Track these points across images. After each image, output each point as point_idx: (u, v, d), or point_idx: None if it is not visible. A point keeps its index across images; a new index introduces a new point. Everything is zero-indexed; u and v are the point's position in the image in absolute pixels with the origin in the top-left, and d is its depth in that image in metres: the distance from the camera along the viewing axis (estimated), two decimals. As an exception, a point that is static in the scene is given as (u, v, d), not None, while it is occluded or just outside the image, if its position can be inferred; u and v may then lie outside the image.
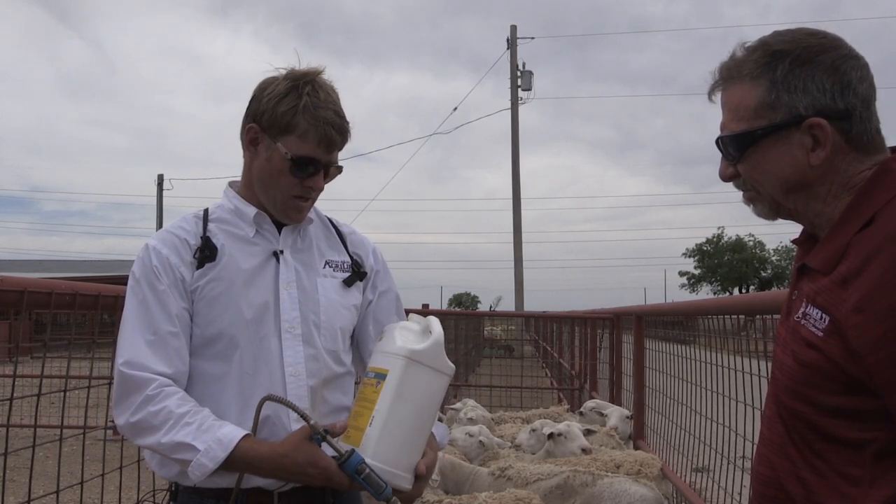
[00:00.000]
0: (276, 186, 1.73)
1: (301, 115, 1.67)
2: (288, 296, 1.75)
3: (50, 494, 2.61)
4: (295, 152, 1.68)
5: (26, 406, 6.98)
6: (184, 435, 1.56)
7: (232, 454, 1.55)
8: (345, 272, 1.87)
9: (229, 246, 1.75)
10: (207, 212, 1.81)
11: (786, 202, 1.33)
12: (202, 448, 1.54)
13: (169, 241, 1.73)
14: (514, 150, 25.82)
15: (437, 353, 1.65)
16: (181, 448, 1.56)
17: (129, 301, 1.69)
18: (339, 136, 1.71)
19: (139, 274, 1.70)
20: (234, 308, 1.69)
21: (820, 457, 1.23)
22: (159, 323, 1.65)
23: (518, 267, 25.58)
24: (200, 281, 1.70)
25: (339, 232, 1.94)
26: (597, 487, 3.50)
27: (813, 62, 1.25)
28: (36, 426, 2.54)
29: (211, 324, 1.69)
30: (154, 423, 1.57)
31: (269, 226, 1.79)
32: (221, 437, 1.56)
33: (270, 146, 1.71)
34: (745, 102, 1.31)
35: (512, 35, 26.48)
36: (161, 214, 37.78)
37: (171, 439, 1.56)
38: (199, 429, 1.57)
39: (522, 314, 18.98)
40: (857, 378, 1.15)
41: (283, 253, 1.78)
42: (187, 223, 1.78)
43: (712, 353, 3.81)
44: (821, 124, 1.24)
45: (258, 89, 1.75)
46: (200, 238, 1.74)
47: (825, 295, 1.20)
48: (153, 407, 1.58)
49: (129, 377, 1.60)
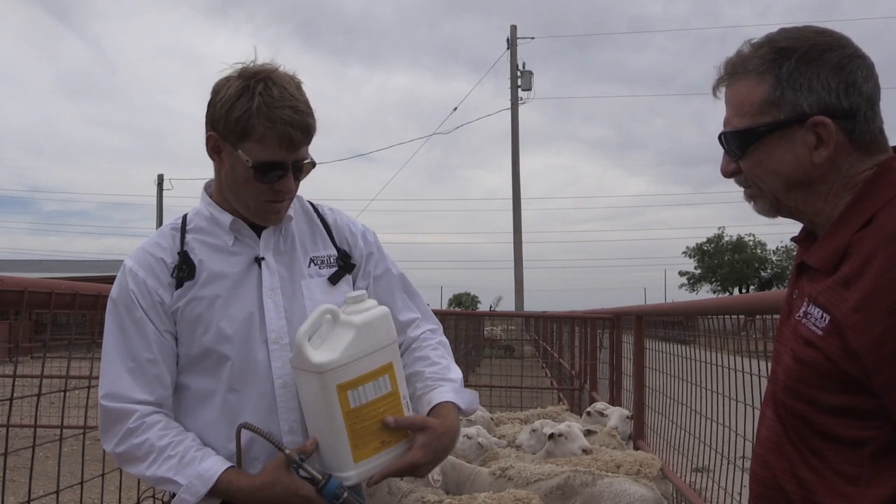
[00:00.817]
0: (246, 194, 1.65)
1: (255, 118, 1.56)
2: (273, 304, 1.70)
3: (50, 494, 2.61)
4: (256, 158, 1.59)
5: (26, 406, 6.98)
6: (165, 470, 1.58)
7: (214, 488, 1.56)
8: (331, 267, 1.79)
9: (208, 260, 1.70)
10: (185, 220, 1.76)
11: (786, 200, 1.33)
12: (184, 483, 1.56)
13: (145, 263, 1.69)
14: (514, 150, 25.82)
15: (300, 354, 1.57)
16: (164, 482, 1.59)
17: (107, 327, 1.68)
18: (300, 133, 1.60)
19: (117, 298, 1.68)
20: (216, 325, 1.66)
21: (817, 455, 1.23)
22: (137, 350, 1.64)
23: (518, 267, 25.59)
24: (180, 301, 1.67)
25: (324, 221, 1.85)
26: (597, 487, 3.50)
27: (819, 60, 1.25)
28: (36, 426, 2.54)
29: (195, 342, 1.67)
30: (137, 454, 1.60)
31: (247, 231, 1.73)
32: (202, 472, 1.57)
33: (232, 154, 1.62)
34: (749, 99, 1.30)
35: (512, 35, 26.49)
36: (161, 214, 37.81)
37: (154, 473, 1.58)
38: (180, 462, 1.58)
39: (522, 314, 18.98)
40: (856, 377, 1.15)
41: (265, 259, 1.73)
42: (163, 239, 1.73)
43: (712, 353, 3.80)
44: (825, 123, 1.24)
45: (213, 92, 1.65)
46: (178, 254, 1.69)
47: (827, 295, 1.20)
48: (135, 439, 1.60)
49: (111, 410, 1.61)
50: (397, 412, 1.62)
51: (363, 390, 1.58)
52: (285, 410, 1.68)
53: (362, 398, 1.58)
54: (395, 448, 1.62)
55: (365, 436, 1.58)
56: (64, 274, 28.31)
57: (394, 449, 1.62)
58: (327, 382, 1.54)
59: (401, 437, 1.63)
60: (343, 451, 1.57)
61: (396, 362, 1.65)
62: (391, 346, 1.64)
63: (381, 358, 1.61)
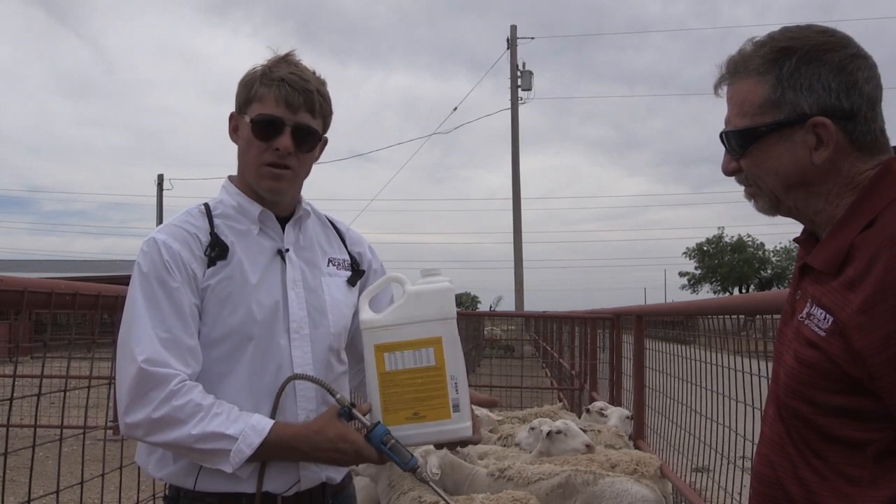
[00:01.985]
0: (250, 158, 1.72)
1: (258, 81, 1.69)
2: (295, 296, 1.74)
3: (50, 494, 2.61)
4: (260, 113, 1.68)
5: (26, 406, 6.98)
6: (217, 425, 1.55)
7: (267, 438, 1.56)
8: (347, 270, 1.87)
9: (238, 244, 1.72)
10: (209, 207, 1.77)
11: (786, 199, 1.32)
12: (237, 435, 1.55)
13: (179, 236, 1.68)
14: (514, 151, 25.80)
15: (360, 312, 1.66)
16: (214, 437, 1.55)
17: (136, 297, 1.62)
18: (298, 94, 1.68)
19: (148, 269, 1.64)
20: (245, 307, 1.67)
21: (820, 456, 1.23)
22: (172, 321, 1.61)
23: (518, 267, 25.57)
24: (212, 279, 1.67)
25: (337, 229, 1.94)
26: (598, 487, 3.50)
27: (820, 60, 1.25)
28: (36, 426, 2.54)
29: (222, 323, 1.66)
30: (181, 416, 1.55)
31: (272, 223, 1.77)
32: (255, 424, 1.57)
33: (242, 124, 1.72)
34: (750, 98, 1.30)
35: (512, 35, 26.47)
36: (161, 214, 37.79)
37: (204, 430, 1.54)
38: (227, 417, 1.57)
39: (522, 314, 18.98)
40: (859, 379, 1.15)
41: (289, 251, 1.77)
42: (194, 218, 1.73)
43: (712, 353, 3.80)
44: (825, 124, 1.24)
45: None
46: (209, 234, 1.70)
47: (831, 296, 1.20)
48: (178, 401, 1.55)
49: (152, 374, 1.55)
50: (440, 389, 1.61)
51: (401, 356, 1.60)
52: (303, 399, 1.71)
53: (399, 364, 1.60)
54: (431, 424, 1.61)
55: (396, 402, 1.60)
56: (64, 274, 28.31)
57: (430, 425, 1.61)
58: (367, 340, 1.62)
59: (440, 415, 1.61)
60: (376, 411, 1.61)
61: (449, 340, 1.61)
62: (445, 322, 1.62)
63: (429, 330, 1.60)
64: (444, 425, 1.61)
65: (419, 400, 1.60)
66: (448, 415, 1.61)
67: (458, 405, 1.61)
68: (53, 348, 10.88)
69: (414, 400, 1.60)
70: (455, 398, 1.61)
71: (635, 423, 5.44)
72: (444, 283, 1.65)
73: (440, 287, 1.64)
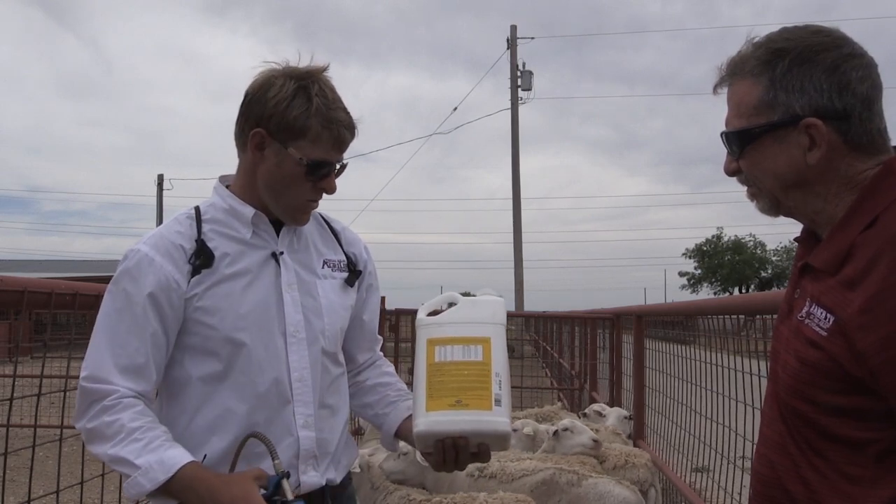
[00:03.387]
0: (289, 192, 1.68)
1: (314, 118, 1.63)
2: (290, 298, 1.71)
3: (50, 494, 2.61)
4: (309, 156, 1.64)
5: (26, 406, 6.98)
6: (128, 451, 1.51)
7: (174, 477, 1.50)
8: (342, 272, 1.84)
9: (225, 249, 1.69)
10: (199, 211, 1.73)
11: (785, 200, 1.33)
12: (142, 467, 1.50)
13: (163, 248, 1.65)
14: (515, 151, 25.79)
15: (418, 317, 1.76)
16: (121, 463, 1.51)
17: (105, 307, 1.62)
18: (350, 136, 1.70)
19: (121, 281, 1.63)
20: (234, 314, 1.64)
21: (821, 456, 1.23)
22: (131, 347, 1.59)
23: (518, 267, 25.55)
24: (197, 289, 1.64)
25: (333, 229, 1.90)
26: (582, 488, 3.51)
27: (812, 61, 1.25)
28: (36, 426, 2.54)
29: (212, 331, 1.64)
30: (106, 433, 1.53)
31: (266, 226, 1.74)
32: (165, 459, 1.51)
33: (280, 151, 1.65)
34: (745, 100, 1.31)
35: (512, 35, 26.45)
36: (161, 214, 37.78)
37: (116, 453, 1.51)
38: (145, 447, 1.52)
39: (522, 314, 18.95)
40: (861, 379, 1.15)
41: (283, 254, 1.74)
42: (181, 225, 1.70)
43: (712, 353, 3.81)
44: (815, 125, 1.24)
45: (258, 89, 1.67)
46: (195, 241, 1.67)
47: (831, 295, 1.20)
48: (108, 417, 1.54)
49: (91, 390, 1.57)
50: (484, 382, 1.65)
51: (451, 350, 1.67)
52: (301, 404, 1.69)
53: (448, 356, 1.67)
54: (471, 413, 1.64)
55: (441, 389, 1.65)
56: (64, 274, 28.31)
57: (471, 413, 1.64)
58: (421, 335, 1.71)
59: (481, 405, 1.64)
60: (420, 398, 1.66)
61: (497, 341, 1.69)
62: (495, 326, 1.71)
63: (480, 330, 1.69)
64: (484, 416, 1.64)
65: (463, 389, 1.64)
66: (489, 406, 1.64)
67: (500, 401, 1.65)
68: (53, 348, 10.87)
69: (458, 389, 1.65)
70: (498, 393, 1.65)
71: (635, 422, 5.44)
72: (497, 297, 1.77)
73: (494, 298, 1.76)
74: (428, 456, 1.70)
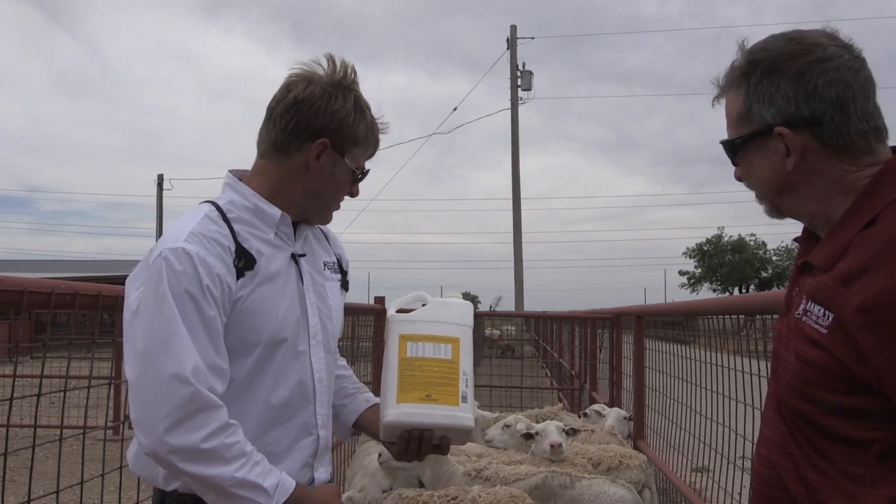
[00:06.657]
0: (332, 196, 1.77)
1: (371, 131, 1.75)
2: (309, 302, 1.75)
3: (50, 494, 2.60)
4: (359, 165, 1.75)
5: (26, 406, 6.98)
6: (256, 474, 1.54)
7: (289, 498, 1.58)
8: (336, 273, 1.89)
9: (259, 250, 1.66)
10: (222, 209, 1.67)
11: (780, 203, 1.37)
12: (270, 489, 1.55)
13: (212, 249, 1.58)
14: (514, 151, 25.77)
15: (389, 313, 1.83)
16: (250, 487, 1.53)
17: (172, 314, 1.51)
18: None
19: (185, 286, 1.53)
20: (274, 316, 1.65)
21: (822, 455, 1.23)
22: (207, 344, 1.54)
23: (518, 267, 25.55)
24: (243, 290, 1.61)
25: (322, 229, 1.92)
26: (576, 490, 3.48)
27: (780, 71, 1.28)
28: (36, 426, 2.54)
29: (253, 332, 1.62)
30: (226, 455, 1.51)
31: (287, 228, 1.74)
32: (283, 481, 1.59)
33: (338, 161, 1.71)
34: (731, 111, 1.37)
35: (512, 35, 26.44)
36: (161, 214, 37.78)
37: (245, 476, 1.52)
38: (263, 470, 1.57)
39: (522, 314, 18.94)
40: (863, 378, 1.15)
41: (304, 256, 1.77)
42: (216, 224, 1.63)
43: (712, 353, 3.81)
44: (782, 133, 1.28)
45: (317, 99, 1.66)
46: (234, 242, 1.63)
47: (826, 291, 1.21)
48: (228, 439, 1.52)
49: (201, 395, 1.49)
50: (452, 379, 1.73)
51: (422, 346, 1.75)
52: (321, 405, 1.77)
53: (419, 352, 1.74)
54: (441, 407, 1.72)
55: (412, 383, 1.72)
56: (64, 274, 28.31)
57: (440, 408, 1.72)
58: (393, 330, 1.78)
59: (449, 401, 1.73)
60: (391, 390, 1.72)
61: (465, 342, 1.79)
62: (463, 327, 1.80)
63: (449, 331, 1.78)
64: (452, 411, 1.73)
65: (433, 384, 1.72)
66: (457, 402, 1.74)
67: (466, 398, 1.75)
68: (53, 348, 10.87)
69: (428, 384, 1.72)
70: (464, 391, 1.75)
71: (635, 422, 5.44)
72: (465, 301, 1.86)
73: (462, 302, 1.86)
74: (391, 445, 1.78)
